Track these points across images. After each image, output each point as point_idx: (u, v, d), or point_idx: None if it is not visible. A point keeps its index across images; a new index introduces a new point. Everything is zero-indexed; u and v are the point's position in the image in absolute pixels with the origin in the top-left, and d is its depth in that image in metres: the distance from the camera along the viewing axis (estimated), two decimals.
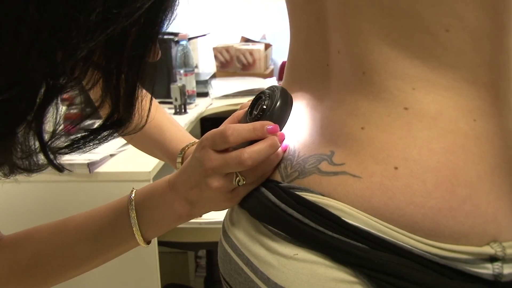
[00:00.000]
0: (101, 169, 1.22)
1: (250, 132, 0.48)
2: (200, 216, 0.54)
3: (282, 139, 0.49)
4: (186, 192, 0.51)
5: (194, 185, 0.50)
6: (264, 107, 0.50)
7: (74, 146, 0.42)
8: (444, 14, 0.40)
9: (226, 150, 0.49)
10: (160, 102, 1.78)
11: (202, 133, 0.49)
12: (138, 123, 0.45)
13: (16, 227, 0.56)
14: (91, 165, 1.19)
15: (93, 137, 0.42)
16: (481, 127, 0.41)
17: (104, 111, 0.41)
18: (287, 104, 0.50)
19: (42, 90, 0.36)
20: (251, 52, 2.17)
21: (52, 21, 0.32)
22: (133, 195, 0.54)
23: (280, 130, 0.49)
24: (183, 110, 1.73)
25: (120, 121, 0.41)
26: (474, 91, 0.41)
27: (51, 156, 0.40)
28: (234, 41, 2.30)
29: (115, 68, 0.38)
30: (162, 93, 1.83)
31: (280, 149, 0.49)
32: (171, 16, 0.39)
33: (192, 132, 1.37)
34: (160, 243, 1.33)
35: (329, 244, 0.41)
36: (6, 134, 0.37)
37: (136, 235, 0.52)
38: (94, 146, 0.43)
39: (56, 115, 0.38)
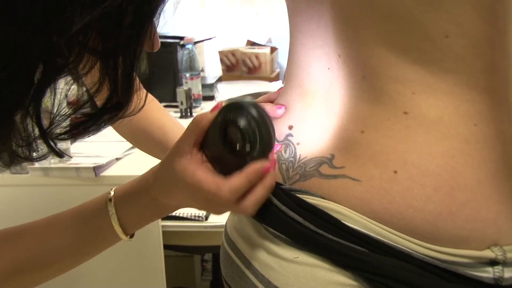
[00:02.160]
0: (107, 172, 1.22)
1: (247, 185, 0.44)
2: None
3: (274, 165, 0.46)
4: (170, 203, 0.49)
5: (182, 204, 0.49)
6: (248, 145, 0.44)
7: (74, 132, 0.42)
8: (443, 20, 0.40)
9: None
10: (166, 106, 1.80)
11: None
12: (137, 104, 0.44)
13: None
14: (97, 169, 1.20)
15: (93, 121, 0.42)
16: (482, 132, 0.41)
17: (103, 95, 0.40)
18: (269, 127, 0.45)
19: (39, 72, 0.35)
20: (257, 56, 2.18)
21: None
22: (113, 193, 0.51)
23: (271, 150, 0.46)
24: (189, 114, 1.74)
25: (119, 104, 0.41)
26: (475, 96, 0.41)
27: (51, 143, 0.40)
28: (240, 45, 2.30)
29: (113, 49, 0.38)
30: (168, 97, 1.84)
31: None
32: None
33: None
34: (166, 247, 1.33)
35: (329, 247, 0.41)
36: (3, 117, 0.37)
37: (114, 227, 0.50)
38: (94, 131, 0.42)
39: (54, 101, 0.38)
